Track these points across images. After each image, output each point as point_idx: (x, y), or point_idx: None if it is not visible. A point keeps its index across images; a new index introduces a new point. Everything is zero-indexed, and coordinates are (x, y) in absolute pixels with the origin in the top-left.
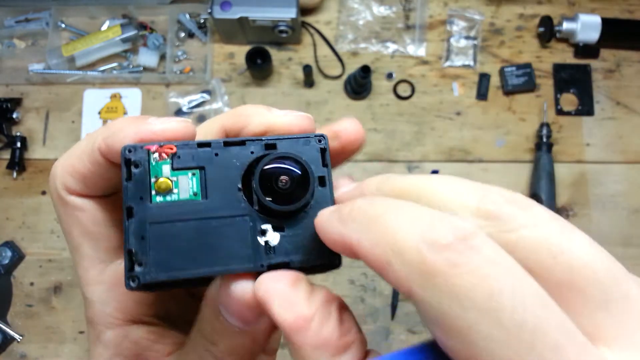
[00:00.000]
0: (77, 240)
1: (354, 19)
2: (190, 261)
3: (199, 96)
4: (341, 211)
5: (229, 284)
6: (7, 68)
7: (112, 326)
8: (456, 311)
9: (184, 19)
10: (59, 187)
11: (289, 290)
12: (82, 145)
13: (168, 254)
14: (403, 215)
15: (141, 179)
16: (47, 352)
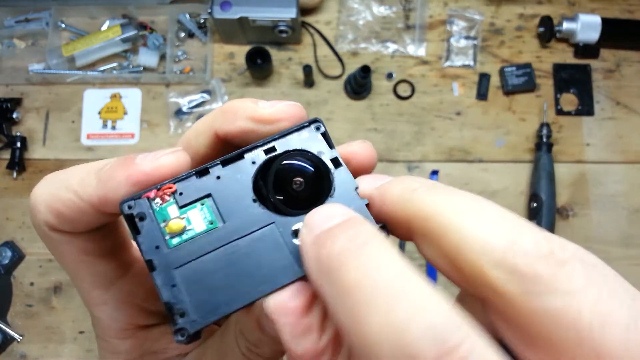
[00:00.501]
0: (71, 267)
1: (354, 19)
2: (232, 292)
3: (199, 96)
4: (318, 249)
5: (273, 302)
6: (7, 68)
7: (126, 337)
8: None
9: (184, 19)
10: (41, 223)
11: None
12: (68, 193)
13: (206, 293)
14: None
15: (151, 229)
16: (47, 352)
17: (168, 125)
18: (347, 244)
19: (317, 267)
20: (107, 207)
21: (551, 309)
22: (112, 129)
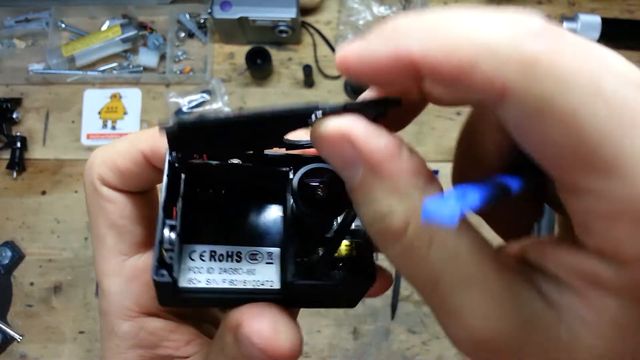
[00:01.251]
0: (102, 230)
1: (354, 19)
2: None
3: (199, 96)
4: (384, 30)
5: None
6: (7, 68)
7: (128, 318)
8: (561, 96)
9: (184, 19)
10: (95, 176)
11: (370, 124)
12: (126, 144)
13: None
14: (478, 16)
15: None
16: (47, 352)
17: None
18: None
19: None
20: (155, 161)
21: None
22: (112, 128)
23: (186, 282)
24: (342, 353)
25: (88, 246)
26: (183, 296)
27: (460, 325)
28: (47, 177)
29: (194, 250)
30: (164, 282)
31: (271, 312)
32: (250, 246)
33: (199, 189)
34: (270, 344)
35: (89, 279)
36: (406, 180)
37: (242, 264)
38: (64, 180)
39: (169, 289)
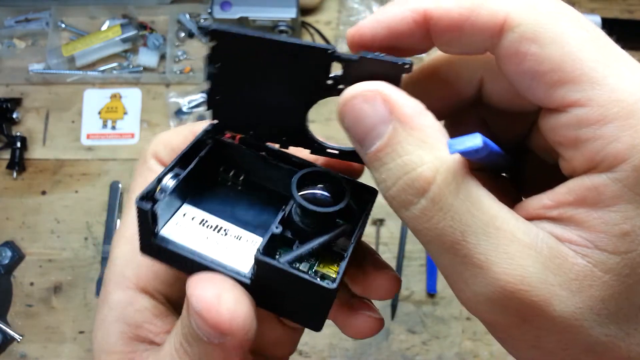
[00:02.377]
0: (133, 195)
1: (354, 19)
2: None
3: (199, 96)
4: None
5: (193, 291)
6: (7, 68)
7: (123, 287)
8: (552, 22)
9: (184, 19)
10: (149, 150)
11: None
12: (184, 128)
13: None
14: None
15: None
16: (47, 352)
17: (168, 125)
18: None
19: None
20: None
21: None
22: (112, 128)
23: (167, 233)
24: (342, 353)
25: (88, 246)
26: (160, 245)
27: (490, 277)
28: (47, 177)
29: (189, 211)
30: (143, 210)
31: (220, 282)
32: (241, 227)
33: (222, 167)
34: (208, 310)
35: (89, 279)
36: (434, 133)
37: (224, 240)
38: (64, 180)
39: (147, 222)
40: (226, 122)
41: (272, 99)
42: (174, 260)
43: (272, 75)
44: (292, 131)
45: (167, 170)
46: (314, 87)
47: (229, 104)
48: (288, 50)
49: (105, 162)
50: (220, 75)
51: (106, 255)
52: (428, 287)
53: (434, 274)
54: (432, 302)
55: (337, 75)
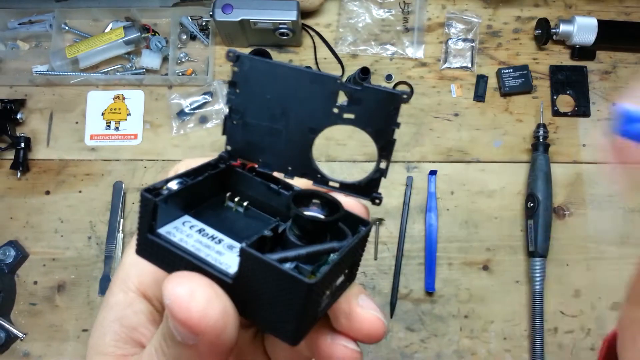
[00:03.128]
0: None
1: (353, 21)
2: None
3: (201, 98)
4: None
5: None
6: (11, 69)
7: (125, 289)
8: None
9: (186, 22)
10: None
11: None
12: (208, 159)
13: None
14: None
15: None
16: (50, 350)
17: (171, 126)
18: None
19: None
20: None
21: None
22: (115, 129)
23: (164, 232)
24: None
25: (91, 245)
26: (155, 242)
27: None
28: (50, 177)
29: (189, 222)
30: (146, 198)
31: (197, 279)
32: (234, 240)
33: (229, 193)
34: (179, 306)
35: (92, 277)
36: None
37: (217, 246)
38: (68, 180)
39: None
40: (238, 149)
41: (281, 128)
42: (166, 260)
43: (284, 102)
44: (298, 161)
45: (175, 177)
46: (321, 115)
47: (242, 131)
48: (300, 77)
49: (108, 162)
50: (238, 100)
51: (109, 254)
52: (426, 285)
53: (433, 273)
54: (431, 300)
55: (343, 105)
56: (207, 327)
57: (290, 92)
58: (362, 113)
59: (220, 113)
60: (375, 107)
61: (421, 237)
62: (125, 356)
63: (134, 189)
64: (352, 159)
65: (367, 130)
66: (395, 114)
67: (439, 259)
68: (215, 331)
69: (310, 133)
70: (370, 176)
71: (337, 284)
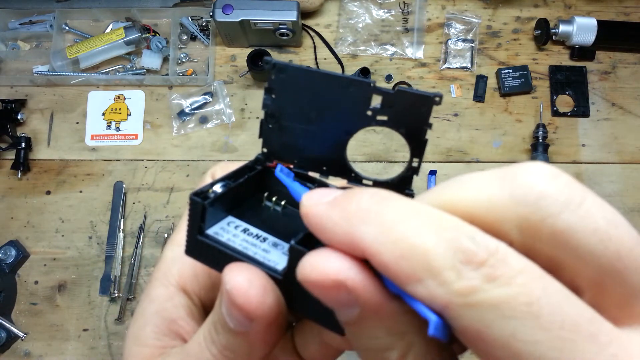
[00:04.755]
0: None
1: (353, 22)
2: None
3: (201, 98)
4: (344, 207)
5: (226, 274)
6: (12, 70)
7: (166, 284)
8: (497, 322)
9: (186, 22)
10: (210, 171)
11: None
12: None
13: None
14: (427, 226)
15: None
16: (51, 350)
17: (171, 126)
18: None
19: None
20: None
21: (573, 224)
22: (116, 129)
23: (212, 232)
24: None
25: (92, 245)
26: (204, 242)
27: None
28: (51, 177)
29: (233, 222)
30: (195, 202)
31: (253, 270)
32: (278, 239)
33: (267, 193)
34: (238, 290)
35: (92, 277)
36: (404, 320)
37: (263, 244)
38: (68, 180)
39: (197, 215)
40: (274, 151)
41: (317, 130)
42: (215, 259)
43: (319, 105)
44: (332, 161)
45: (218, 180)
46: (355, 117)
47: (278, 134)
48: (336, 83)
49: (109, 162)
50: (273, 105)
51: (110, 254)
52: None
53: None
54: None
55: (376, 107)
56: (262, 313)
57: (326, 97)
58: (395, 115)
59: (220, 113)
60: (407, 109)
61: None
62: (164, 347)
63: (135, 189)
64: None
65: (400, 131)
66: (427, 116)
67: None
68: (269, 318)
69: (344, 134)
70: (402, 174)
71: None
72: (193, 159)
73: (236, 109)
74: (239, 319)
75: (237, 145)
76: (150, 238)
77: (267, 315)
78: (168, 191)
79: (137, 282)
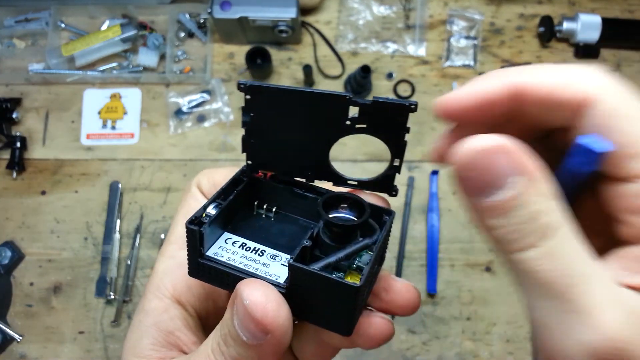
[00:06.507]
0: (178, 218)
1: (354, 18)
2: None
3: (199, 96)
4: (493, 73)
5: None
6: (7, 68)
7: (160, 296)
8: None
9: (183, 19)
10: (194, 181)
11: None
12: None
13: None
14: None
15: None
16: (46, 352)
17: (168, 125)
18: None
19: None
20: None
21: None
22: (112, 128)
23: (212, 254)
24: (343, 352)
25: (88, 246)
26: (206, 264)
27: (594, 324)
28: (46, 177)
29: (230, 238)
30: (192, 230)
31: (266, 286)
32: (275, 249)
33: (257, 201)
34: (256, 305)
35: (88, 279)
36: (551, 187)
37: (262, 258)
38: (64, 180)
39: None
40: (259, 162)
41: (298, 140)
42: (219, 278)
43: (298, 120)
44: (316, 167)
45: (210, 201)
46: (334, 128)
47: (261, 147)
48: (312, 98)
49: (105, 162)
50: (253, 122)
51: (106, 256)
52: (428, 287)
53: (434, 274)
54: (432, 302)
55: (354, 117)
56: (278, 326)
57: (304, 112)
58: (374, 123)
59: (218, 112)
60: (385, 118)
61: (422, 238)
62: (162, 359)
63: (131, 189)
64: (352, 158)
65: (379, 137)
66: (404, 122)
67: (441, 260)
68: (283, 330)
69: (325, 143)
70: (385, 172)
71: (374, 272)
72: (190, 158)
73: (234, 107)
74: (255, 332)
75: (235, 144)
76: (146, 239)
77: (281, 327)
78: (165, 191)
79: (134, 284)
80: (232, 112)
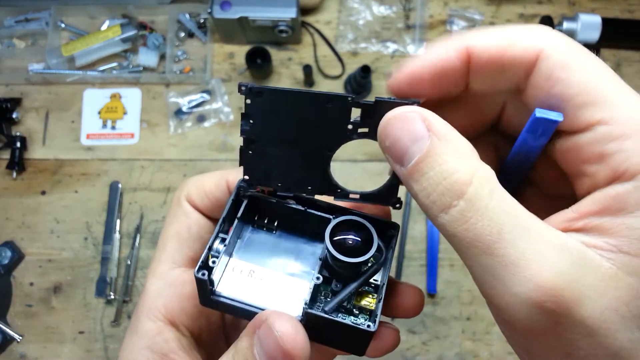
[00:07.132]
0: (168, 235)
1: (354, 18)
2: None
3: (199, 96)
4: (448, 38)
5: (274, 322)
6: (7, 68)
7: (153, 318)
8: (580, 53)
9: (183, 19)
10: (183, 192)
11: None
12: (216, 172)
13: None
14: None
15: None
16: (46, 352)
17: (168, 125)
18: None
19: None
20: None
21: None
22: (111, 128)
23: (223, 289)
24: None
25: (88, 246)
26: (218, 299)
27: (525, 275)
28: (46, 177)
29: (237, 265)
30: (201, 280)
31: (293, 318)
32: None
33: (257, 216)
34: (287, 337)
35: (88, 279)
36: (465, 145)
37: (271, 287)
38: (64, 180)
39: (206, 287)
40: (256, 177)
41: (298, 150)
42: (232, 310)
43: (300, 124)
44: (317, 180)
45: (214, 238)
46: (336, 133)
47: (259, 159)
48: (315, 100)
49: (105, 162)
50: (252, 130)
51: (105, 256)
52: (428, 287)
53: (434, 274)
54: (432, 302)
55: (357, 120)
56: (305, 355)
57: (305, 115)
58: (376, 126)
59: (218, 112)
60: None
61: (422, 238)
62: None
63: (131, 189)
64: (352, 158)
65: None
66: None
67: (441, 260)
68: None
69: (326, 152)
70: (387, 183)
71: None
72: (190, 158)
73: (234, 107)
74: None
75: (235, 144)
76: (146, 239)
77: (305, 356)
78: (165, 191)
79: (134, 284)
80: (232, 112)
